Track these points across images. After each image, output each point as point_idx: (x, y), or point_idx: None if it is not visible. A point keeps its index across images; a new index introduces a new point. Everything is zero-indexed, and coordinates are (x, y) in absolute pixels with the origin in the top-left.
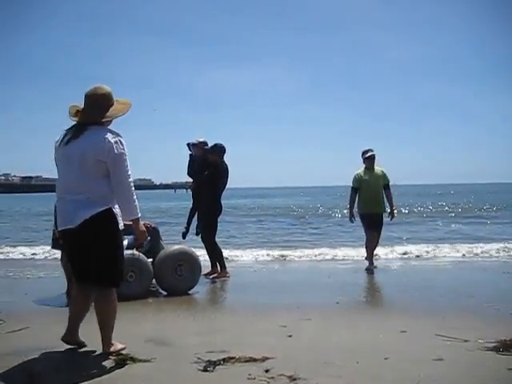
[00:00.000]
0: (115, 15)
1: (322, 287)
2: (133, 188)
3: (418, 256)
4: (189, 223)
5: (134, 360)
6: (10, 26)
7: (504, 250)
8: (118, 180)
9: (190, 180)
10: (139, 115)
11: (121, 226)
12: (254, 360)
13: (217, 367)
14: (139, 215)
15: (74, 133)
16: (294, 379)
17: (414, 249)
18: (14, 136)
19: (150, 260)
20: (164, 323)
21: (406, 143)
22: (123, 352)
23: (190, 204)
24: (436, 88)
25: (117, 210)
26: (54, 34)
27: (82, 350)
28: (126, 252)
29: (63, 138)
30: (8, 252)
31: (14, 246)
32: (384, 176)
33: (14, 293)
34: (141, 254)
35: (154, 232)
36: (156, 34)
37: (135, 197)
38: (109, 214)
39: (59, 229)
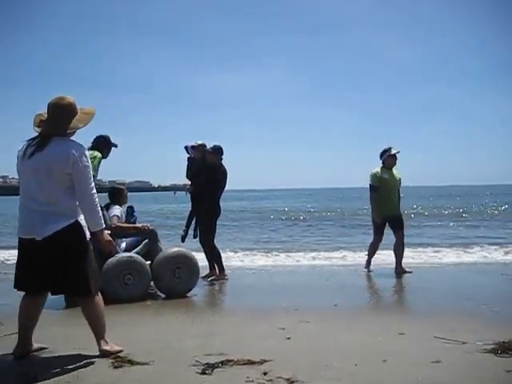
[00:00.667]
0: (115, 15)
1: (320, 289)
2: (97, 200)
3: (416, 259)
4: (188, 226)
5: (131, 363)
6: (10, 26)
7: (501, 253)
8: (82, 192)
9: (188, 182)
10: (138, 117)
11: (88, 237)
12: (253, 363)
13: (215, 370)
14: (103, 226)
15: (37, 145)
16: (293, 382)
17: (412, 252)
18: (13, 137)
19: (148, 262)
20: (162, 326)
21: (405, 144)
22: (121, 355)
23: (188, 206)
24: (436, 89)
25: (83, 221)
26: (54, 34)
27: (79, 353)
28: (124, 254)
29: (26, 149)
30: (5, 255)
31: (12, 249)
32: (400, 177)
33: (11, 295)
34: (139, 257)
35: (152, 234)
36: (156, 35)
37: (99, 208)
38: (76, 227)
39: (19, 235)
